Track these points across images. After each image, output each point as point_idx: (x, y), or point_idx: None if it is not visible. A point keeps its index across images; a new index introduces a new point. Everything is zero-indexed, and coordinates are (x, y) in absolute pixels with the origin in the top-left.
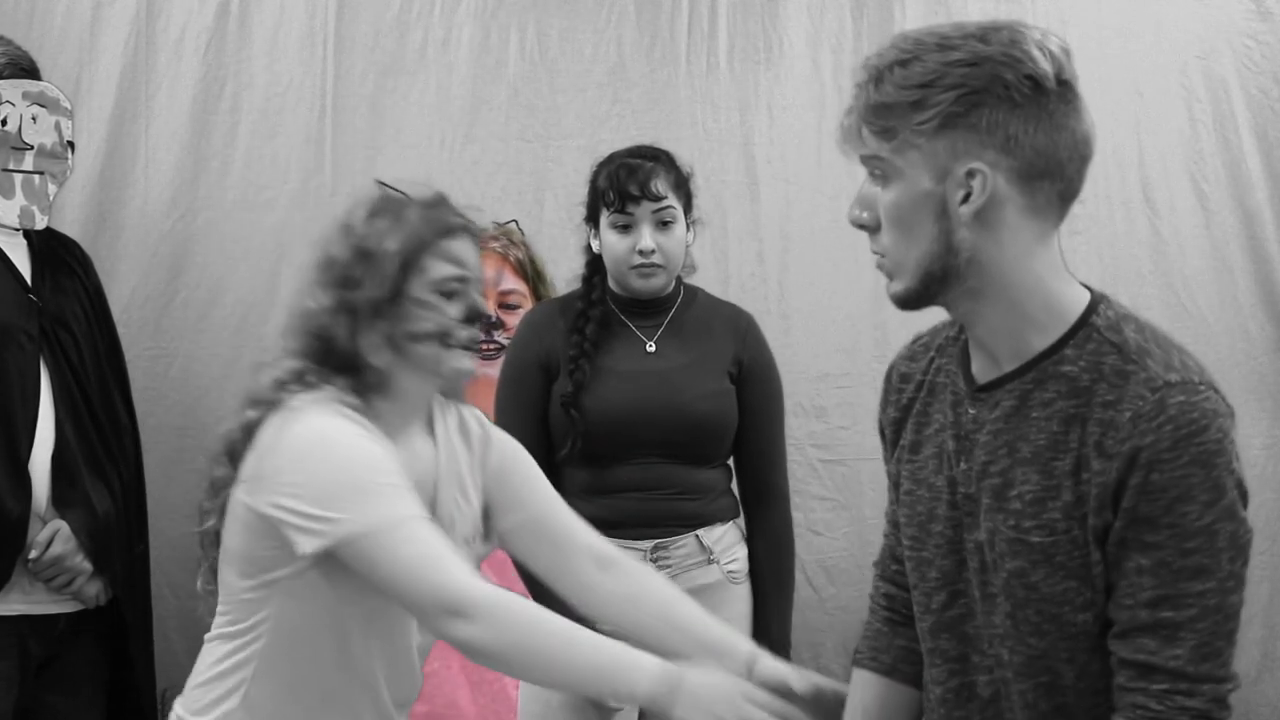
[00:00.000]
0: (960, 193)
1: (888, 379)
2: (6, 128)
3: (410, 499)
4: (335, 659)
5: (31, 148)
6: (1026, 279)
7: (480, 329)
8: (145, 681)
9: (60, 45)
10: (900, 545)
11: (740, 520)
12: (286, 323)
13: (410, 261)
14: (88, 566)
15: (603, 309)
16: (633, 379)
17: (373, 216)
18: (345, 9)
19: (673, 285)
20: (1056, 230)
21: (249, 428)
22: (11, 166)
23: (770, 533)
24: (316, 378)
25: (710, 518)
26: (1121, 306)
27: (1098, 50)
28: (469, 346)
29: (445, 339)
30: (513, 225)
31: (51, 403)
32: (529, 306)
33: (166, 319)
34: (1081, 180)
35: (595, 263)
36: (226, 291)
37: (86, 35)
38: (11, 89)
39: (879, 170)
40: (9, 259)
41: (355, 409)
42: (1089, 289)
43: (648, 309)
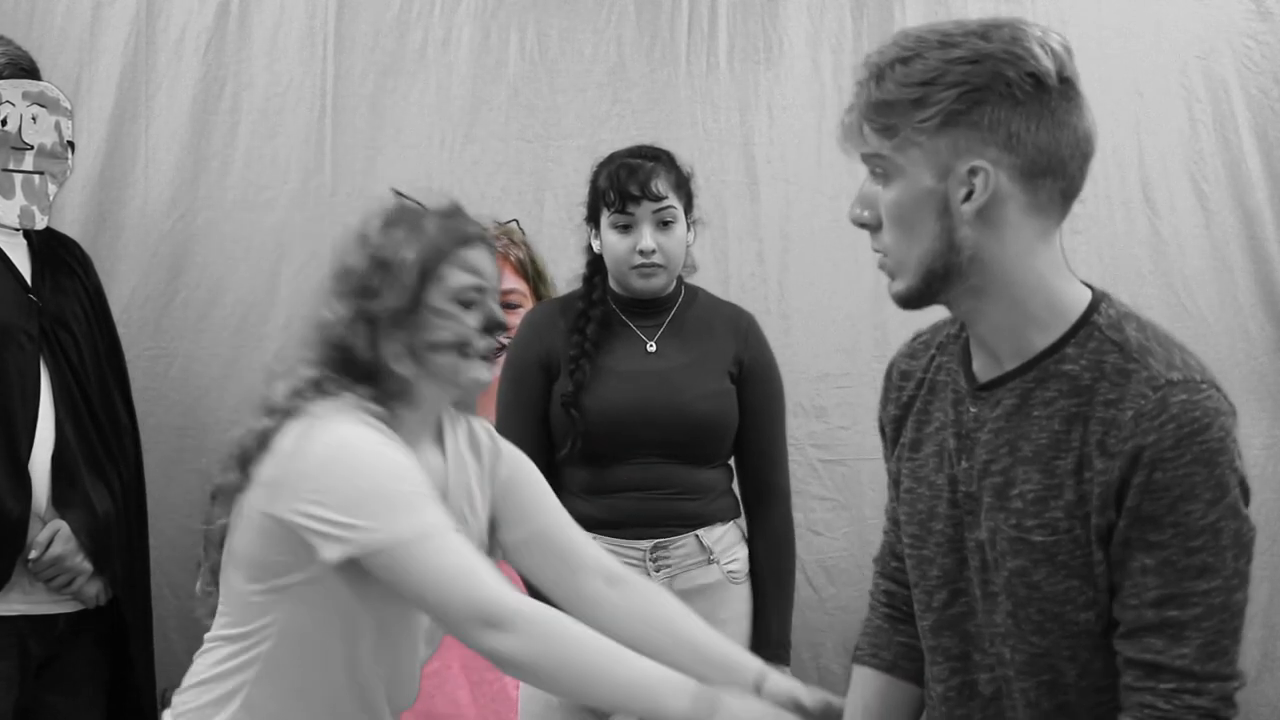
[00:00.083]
0: (962, 190)
1: (888, 376)
2: (6, 128)
3: (438, 509)
4: (343, 664)
5: (31, 148)
6: (1028, 277)
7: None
8: (145, 681)
9: (60, 45)
10: (900, 542)
11: (740, 520)
12: (301, 333)
13: (429, 271)
14: (88, 566)
15: (603, 309)
16: (633, 379)
17: (389, 226)
18: (345, 9)
19: (673, 285)
20: (1058, 228)
21: (264, 435)
22: (11, 166)
23: (771, 533)
24: (336, 386)
25: (710, 518)
26: (1123, 305)
27: (1098, 50)
28: (486, 356)
29: (464, 349)
30: (513, 225)
31: (51, 403)
32: (529, 306)
33: (166, 319)
34: (1083, 178)
35: (596, 263)
36: (226, 291)
37: (86, 35)
38: (11, 89)
39: (880, 168)
40: (9, 259)
41: (378, 417)
42: (1090, 287)
43: (648, 309)
